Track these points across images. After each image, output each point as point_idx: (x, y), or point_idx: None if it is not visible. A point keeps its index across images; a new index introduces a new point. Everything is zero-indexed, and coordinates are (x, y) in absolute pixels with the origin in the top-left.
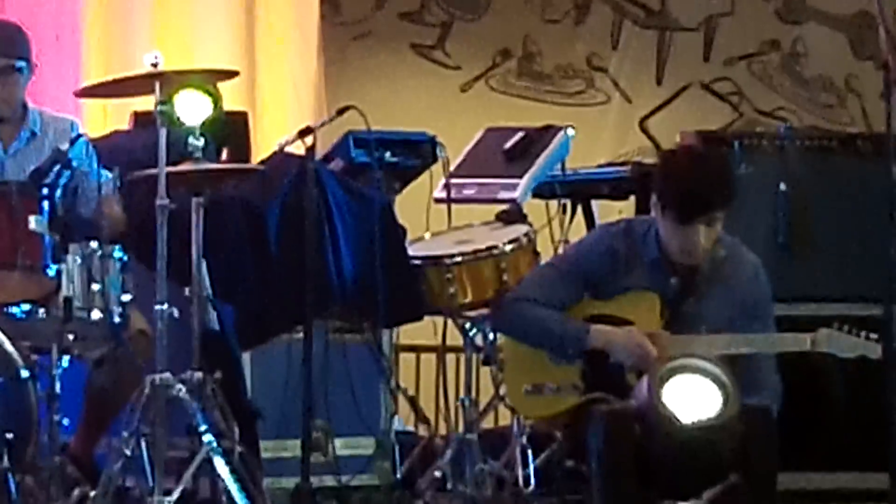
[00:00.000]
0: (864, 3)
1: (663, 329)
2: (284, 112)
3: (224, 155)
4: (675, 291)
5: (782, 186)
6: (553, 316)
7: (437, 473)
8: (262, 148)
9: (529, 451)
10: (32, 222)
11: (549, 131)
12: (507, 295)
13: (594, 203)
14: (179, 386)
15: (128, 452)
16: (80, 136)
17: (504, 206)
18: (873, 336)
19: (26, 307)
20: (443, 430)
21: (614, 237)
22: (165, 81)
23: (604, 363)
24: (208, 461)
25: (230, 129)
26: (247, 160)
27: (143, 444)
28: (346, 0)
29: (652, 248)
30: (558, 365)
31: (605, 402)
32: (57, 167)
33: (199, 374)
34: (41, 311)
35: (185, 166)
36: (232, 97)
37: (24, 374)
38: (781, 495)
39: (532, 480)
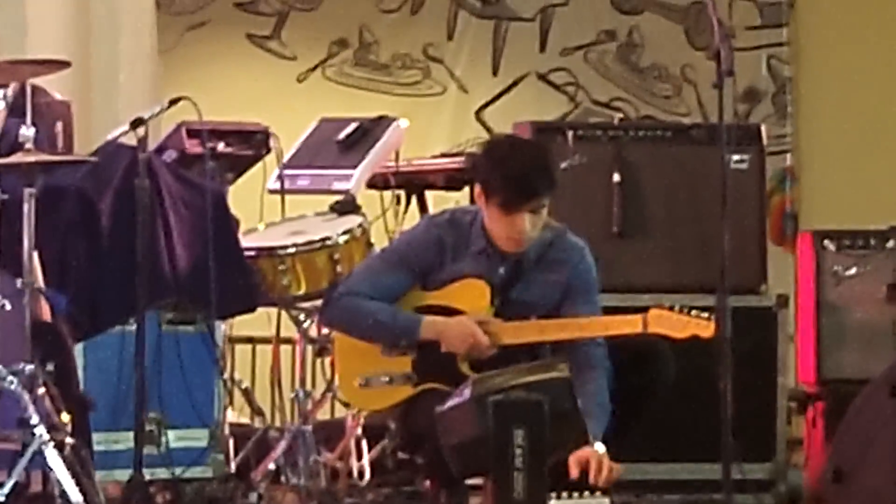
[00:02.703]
0: None
1: (494, 316)
2: (118, 102)
3: None
4: (503, 279)
5: (616, 177)
6: (384, 309)
7: (272, 465)
8: (95, 138)
9: (364, 443)
10: None
11: (382, 122)
12: (336, 290)
13: (428, 194)
14: (11, 378)
15: None
16: None
17: (338, 197)
18: (704, 315)
19: None
20: (277, 422)
21: (440, 227)
22: None
23: (435, 352)
24: (40, 454)
25: None
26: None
27: None
28: None
29: (478, 238)
30: (390, 356)
31: (437, 392)
32: None
33: (30, 366)
34: None
35: (16, 157)
36: (65, 86)
37: None
38: (615, 486)
39: (366, 472)
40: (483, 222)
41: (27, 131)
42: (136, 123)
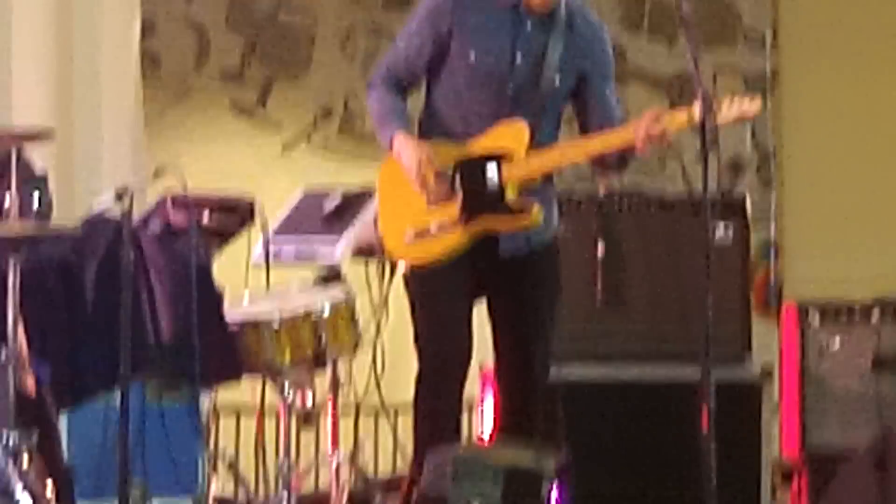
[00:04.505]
0: (683, 63)
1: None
2: (101, 172)
3: None
4: (529, 35)
5: (600, 248)
6: (385, 111)
7: None
8: (78, 208)
9: None
10: None
11: (368, 192)
12: (378, 67)
13: None
14: None
15: None
16: None
17: (323, 268)
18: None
19: None
20: (261, 493)
21: None
22: None
23: (480, 188)
24: None
25: None
26: None
27: None
28: (167, 58)
29: None
30: (435, 205)
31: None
32: None
33: (15, 435)
34: None
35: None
36: (49, 155)
37: None
38: None
39: None
40: None
41: (12, 201)
42: (121, 195)
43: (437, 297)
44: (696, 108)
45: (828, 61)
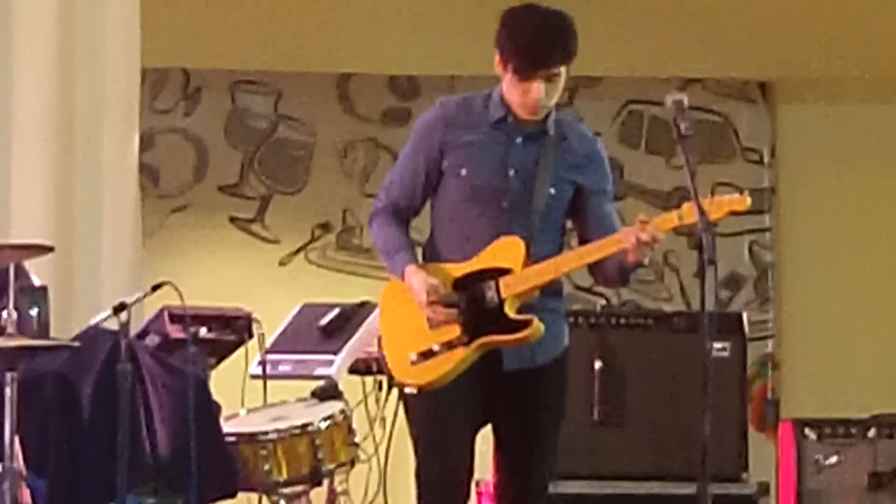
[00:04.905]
0: (681, 178)
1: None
2: (100, 286)
3: None
4: (521, 149)
5: (598, 364)
6: (390, 245)
7: None
8: (77, 322)
9: None
10: None
11: (364, 307)
12: (378, 196)
13: None
14: None
15: None
16: None
17: (320, 383)
18: (735, 195)
19: None
20: None
21: (445, 106)
22: None
23: (479, 306)
24: None
25: None
26: None
27: None
28: (165, 172)
29: (497, 108)
30: (436, 328)
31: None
32: None
33: None
34: None
35: None
36: (47, 270)
37: None
38: None
39: None
40: (503, 92)
41: (9, 315)
42: (119, 308)
43: (439, 426)
44: (685, 210)
45: (826, 177)
